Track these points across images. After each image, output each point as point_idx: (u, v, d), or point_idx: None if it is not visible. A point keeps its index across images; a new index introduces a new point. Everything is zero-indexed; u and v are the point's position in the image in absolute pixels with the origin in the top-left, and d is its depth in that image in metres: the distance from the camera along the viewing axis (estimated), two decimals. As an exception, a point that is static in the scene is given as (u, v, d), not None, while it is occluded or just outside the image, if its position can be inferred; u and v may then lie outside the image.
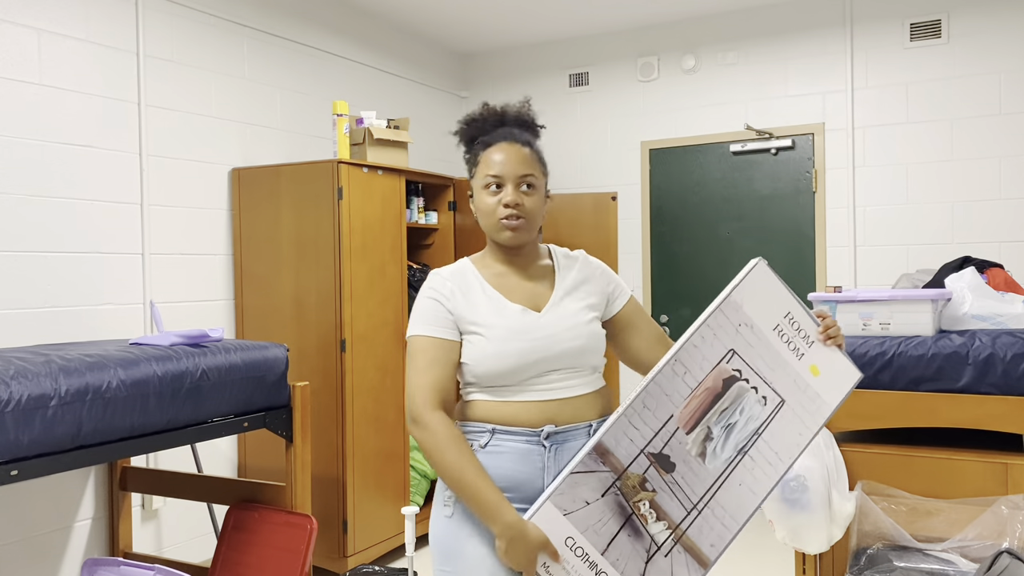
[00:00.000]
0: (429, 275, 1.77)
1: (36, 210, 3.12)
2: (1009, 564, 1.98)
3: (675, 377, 1.63)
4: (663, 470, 1.60)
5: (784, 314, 1.69)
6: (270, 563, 2.80)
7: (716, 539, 1.61)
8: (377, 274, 3.84)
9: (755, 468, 1.63)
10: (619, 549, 1.58)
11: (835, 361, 1.69)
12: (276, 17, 4.19)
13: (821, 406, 1.67)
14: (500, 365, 1.64)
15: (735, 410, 1.64)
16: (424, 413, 1.62)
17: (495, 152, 1.72)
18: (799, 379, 1.66)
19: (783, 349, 1.67)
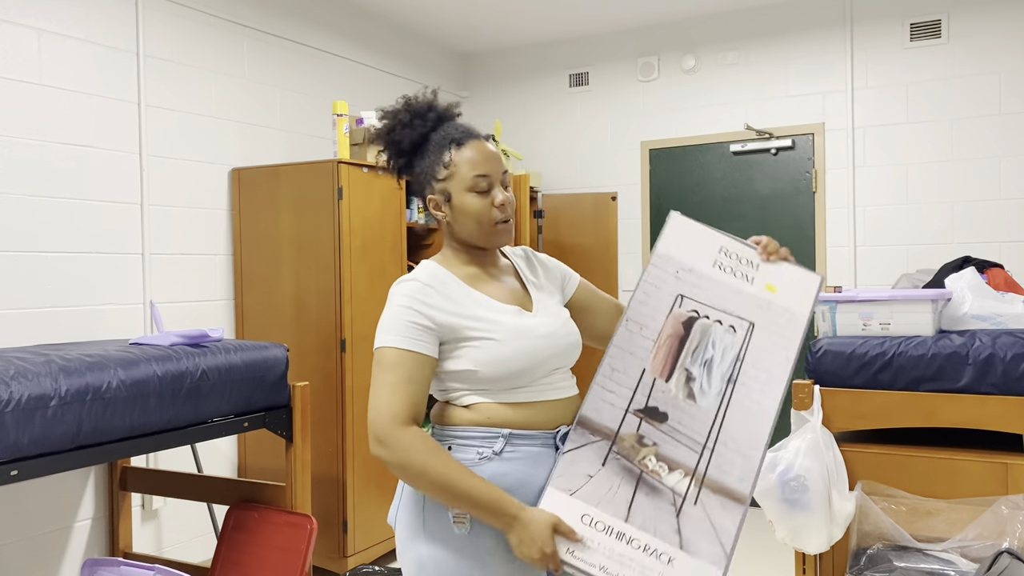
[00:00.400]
0: (401, 283, 1.60)
1: (36, 210, 3.12)
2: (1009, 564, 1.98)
3: (632, 335, 1.62)
4: (656, 422, 1.56)
5: (717, 250, 1.69)
6: (270, 563, 2.80)
7: (742, 471, 1.53)
8: (377, 274, 3.84)
9: (751, 392, 1.59)
10: (642, 511, 1.51)
11: (789, 273, 1.68)
12: (276, 17, 4.19)
13: (793, 317, 1.64)
14: (513, 366, 1.56)
15: (706, 346, 1.62)
16: (395, 430, 1.49)
17: (472, 150, 1.63)
18: (759, 300, 1.65)
19: (730, 280, 1.67)
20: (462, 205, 1.63)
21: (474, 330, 1.57)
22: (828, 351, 2.44)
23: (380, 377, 1.54)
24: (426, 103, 1.69)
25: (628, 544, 1.48)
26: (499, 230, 1.64)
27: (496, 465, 1.55)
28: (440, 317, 1.56)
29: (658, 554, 1.47)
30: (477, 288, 1.64)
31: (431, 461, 1.48)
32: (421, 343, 1.54)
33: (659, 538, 1.48)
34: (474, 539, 1.54)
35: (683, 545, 1.47)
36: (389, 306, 1.59)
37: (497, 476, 1.54)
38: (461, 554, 1.54)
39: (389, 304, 1.60)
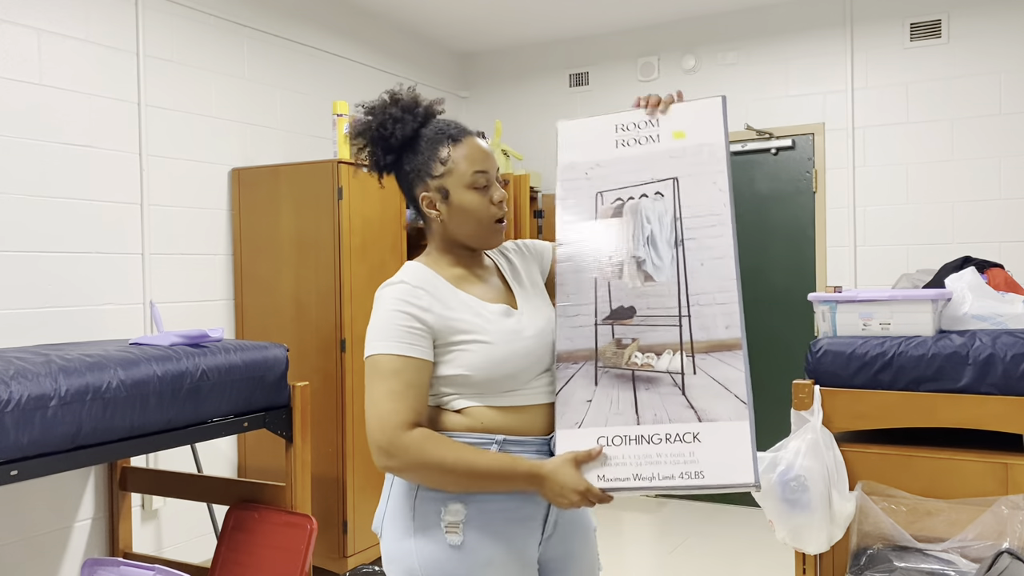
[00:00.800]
0: (388, 286, 1.55)
1: (36, 210, 3.12)
2: (1009, 564, 1.98)
3: (571, 253, 1.61)
4: (626, 320, 1.54)
5: (614, 130, 1.66)
6: (270, 563, 2.80)
7: (725, 319, 1.48)
8: (377, 274, 3.84)
9: (703, 241, 1.54)
10: (650, 407, 1.47)
11: (689, 111, 1.62)
12: (276, 17, 4.19)
13: (711, 149, 1.59)
14: (505, 370, 1.52)
15: (641, 224, 1.58)
16: (403, 435, 1.43)
17: (469, 147, 1.59)
18: (672, 152, 1.61)
19: (638, 150, 1.63)
20: (461, 202, 1.58)
21: (464, 333, 1.52)
22: (828, 351, 2.44)
23: (379, 386, 1.48)
24: (412, 98, 1.64)
25: (650, 444, 1.46)
26: (497, 228, 1.61)
27: None
28: (431, 319, 1.51)
29: (682, 437, 1.45)
30: (464, 289, 1.60)
31: (444, 452, 1.44)
32: (418, 348, 1.49)
33: (676, 422, 1.46)
34: (468, 551, 1.49)
35: (701, 416, 1.45)
36: (378, 311, 1.53)
37: None
38: (455, 565, 1.48)
39: (378, 309, 1.54)
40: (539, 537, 1.59)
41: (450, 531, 1.48)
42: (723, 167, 1.57)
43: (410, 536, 1.51)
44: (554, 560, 1.65)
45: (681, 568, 3.90)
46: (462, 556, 1.48)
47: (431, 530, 1.50)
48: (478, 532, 1.49)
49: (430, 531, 1.50)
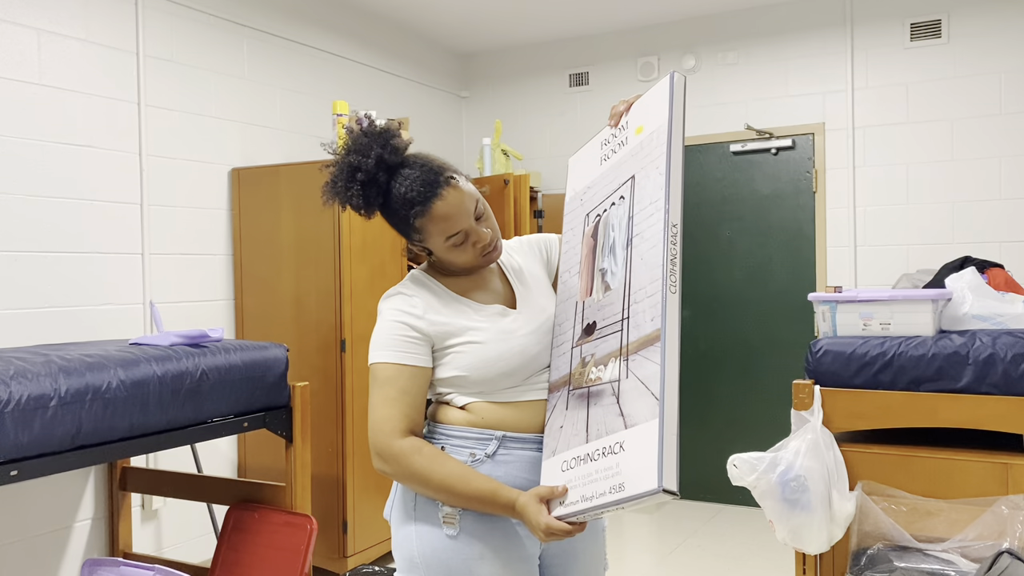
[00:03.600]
0: (387, 297, 1.61)
1: (36, 210, 3.12)
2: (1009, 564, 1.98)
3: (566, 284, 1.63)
4: (589, 337, 1.50)
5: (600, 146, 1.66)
6: (270, 563, 2.80)
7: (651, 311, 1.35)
8: (377, 274, 3.84)
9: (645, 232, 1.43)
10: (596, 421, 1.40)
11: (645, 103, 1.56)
12: (276, 17, 4.19)
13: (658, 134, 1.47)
14: (501, 368, 1.56)
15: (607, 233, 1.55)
16: (393, 443, 1.50)
17: (439, 210, 1.52)
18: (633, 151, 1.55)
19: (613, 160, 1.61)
20: (446, 259, 1.61)
21: (458, 335, 1.57)
22: (828, 351, 2.44)
23: (376, 393, 1.55)
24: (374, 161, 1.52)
25: (592, 461, 1.37)
26: (485, 261, 1.61)
27: (489, 467, 1.55)
28: (426, 326, 1.57)
29: (612, 448, 1.34)
30: (463, 293, 1.64)
31: (430, 468, 1.49)
32: (413, 355, 1.56)
33: (611, 434, 1.35)
34: (463, 542, 1.54)
35: (627, 423, 1.32)
36: (379, 322, 1.60)
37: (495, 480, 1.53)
38: (450, 555, 1.54)
39: (379, 320, 1.60)
40: None
41: (447, 522, 1.54)
42: (662, 150, 1.43)
43: (412, 525, 1.57)
44: (556, 556, 1.66)
45: (681, 568, 3.90)
46: (458, 547, 1.53)
47: (430, 520, 1.55)
48: (474, 524, 1.54)
49: (429, 521, 1.56)
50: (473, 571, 1.54)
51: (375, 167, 1.53)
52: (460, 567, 1.54)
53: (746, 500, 4.67)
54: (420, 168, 1.54)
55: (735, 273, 4.88)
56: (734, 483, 2.30)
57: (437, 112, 5.43)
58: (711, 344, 4.94)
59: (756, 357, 4.82)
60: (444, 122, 5.47)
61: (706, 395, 4.94)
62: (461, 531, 1.54)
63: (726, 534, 4.35)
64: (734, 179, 4.90)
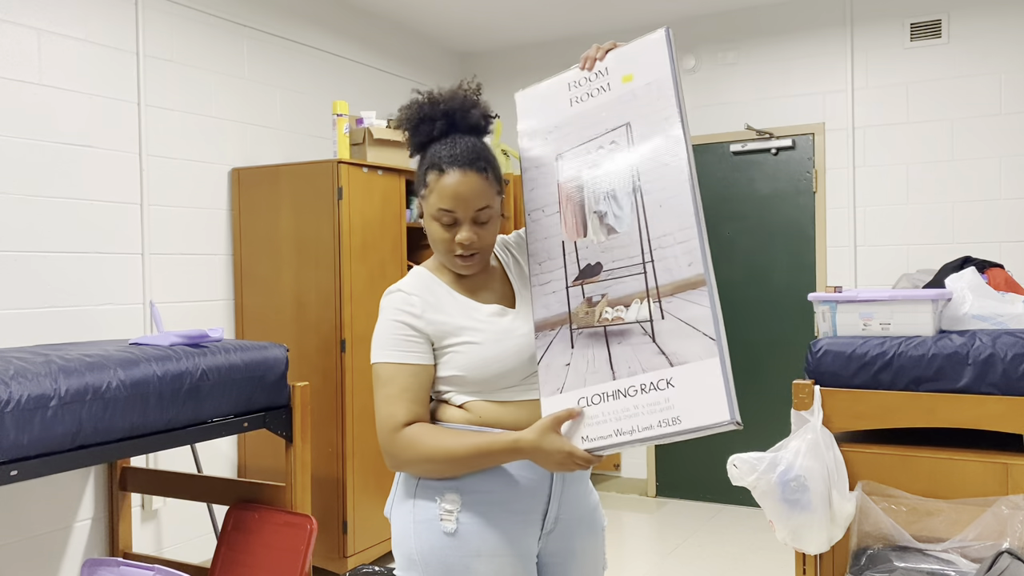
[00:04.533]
0: (387, 295, 1.62)
1: (36, 210, 3.12)
2: (1009, 564, 1.98)
3: (539, 222, 1.59)
4: (594, 277, 1.51)
5: (567, 88, 1.62)
6: (270, 563, 2.80)
7: (688, 256, 1.43)
8: (377, 274, 3.84)
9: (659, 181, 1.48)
10: (624, 360, 1.44)
11: (633, 51, 1.57)
12: (276, 17, 4.19)
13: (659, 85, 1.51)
14: (498, 368, 1.57)
15: (599, 177, 1.55)
16: (396, 438, 1.53)
17: (449, 180, 1.56)
18: (622, 98, 1.56)
19: (591, 104, 1.58)
20: (428, 228, 1.63)
21: (456, 335, 1.58)
22: (828, 351, 2.44)
23: (379, 392, 1.57)
24: (444, 110, 1.62)
25: (627, 397, 1.42)
26: (458, 263, 1.61)
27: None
28: (424, 325, 1.58)
29: (656, 384, 1.40)
30: (463, 292, 1.64)
31: (429, 446, 1.51)
32: (414, 354, 1.57)
33: (649, 371, 1.41)
34: (461, 539, 1.55)
35: (672, 361, 1.39)
36: (379, 320, 1.61)
37: (488, 474, 1.55)
38: (448, 552, 1.55)
39: (379, 318, 1.62)
40: (538, 531, 1.62)
41: (445, 519, 1.55)
42: (672, 102, 1.49)
43: (411, 522, 1.58)
44: (555, 555, 1.66)
45: (681, 568, 3.90)
46: (455, 543, 1.54)
47: (429, 517, 1.56)
48: (472, 521, 1.55)
49: (428, 518, 1.56)
50: (471, 568, 1.54)
51: (441, 114, 1.61)
52: (458, 564, 1.54)
53: (746, 500, 4.67)
54: (470, 144, 1.60)
55: (735, 273, 4.88)
56: (734, 483, 2.30)
57: (437, 112, 5.43)
58: (711, 344, 4.94)
59: (756, 357, 4.82)
60: (444, 122, 5.47)
61: (706, 395, 4.93)
62: (459, 528, 1.55)
63: (726, 534, 4.35)
64: (734, 179, 4.90)
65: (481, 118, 1.66)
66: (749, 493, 2.33)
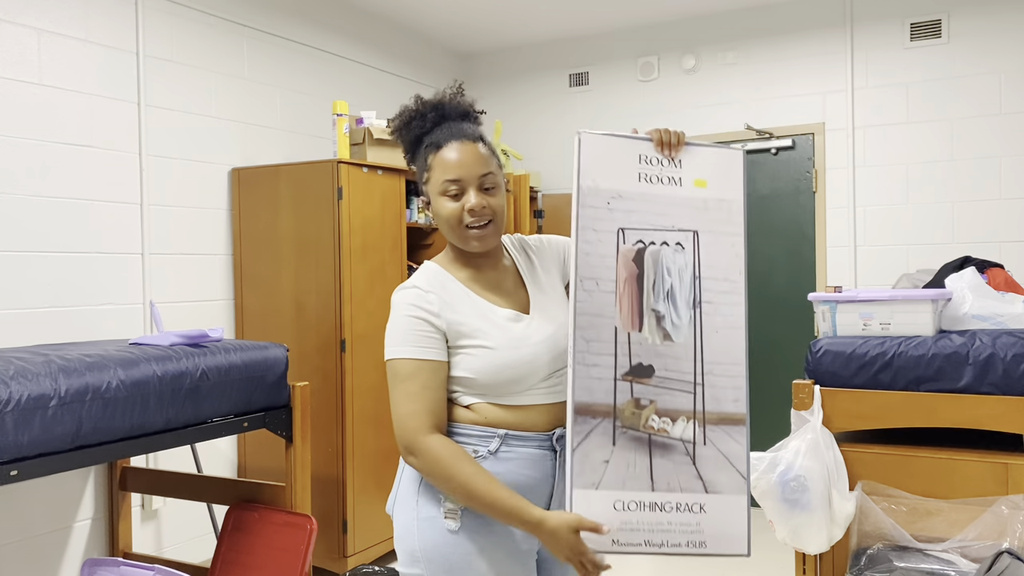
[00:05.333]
0: (401, 291, 1.62)
1: (36, 210, 3.12)
2: (1009, 564, 1.98)
3: (592, 295, 1.52)
4: (645, 379, 1.52)
5: (638, 160, 1.57)
6: (270, 563, 2.80)
7: (734, 393, 1.53)
8: (377, 274, 3.84)
9: (719, 308, 1.54)
10: (664, 474, 1.49)
11: (711, 159, 1.58)
12: (276, 17, 4.19)
13: (731, 207, 1.57)
14: (509, 375, 1.57)
15: (662, 275, 1.54)
16: (420, 439, 1.53)
17: (449, 152, 1.59)
18: (694, 203, 1.56)
19: (660, 190, 1.56)
20: (437, 208, 1.62)
21: (470, 337, 1.58)
22: (828, 351, 2.44)
23: (398, 389, 1.57)
24: (433, 103, 1.67)
25: (663, 511, 1.49)
26: (471, 235, 1.60)
27: (491, 464, 1.56)
28: (440, 322, 1.58)
29: (690, 507, 1.51)
30: (476, 291, 1.64)
31: (457, 469, 1.51)
32: (432, 350, 1.57)
33: (686, 492, 1.51)
34: (464, 536, 1.56)
35: (707, 488, 1.51)
36: (394, 316, 1.61)
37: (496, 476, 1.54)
38: (451, 550, 1.56)
39: (393, 314, 1.61)
40: None
41: (449, 517, 1.57)
42: (741, 229, 1.58)
43: (414, 519, 1.60)
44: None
45: (681, 567, 3.90)
46: (458, 541, 1.56)
47: (432, 515, 1.58)
48: (474, 520, 1.56)
49: (431, 516, 1.58)
50: (473, 566, 1.56)
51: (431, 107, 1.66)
52: (460, 561, 1.56)
53: (746, 500, 4.67)
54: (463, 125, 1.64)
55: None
56: (734, 483, 2.30)
57: (437, 112, 5.43)
58: (711, 344, 4.94)
59: (756, 357, 4.82)
60: (444, 122, 5.47)
61: (706, 395, 4.93)
62: (462, 526, 1.56)
63: (726, 534, 4.34)
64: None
65: (469, 106, 1.70)
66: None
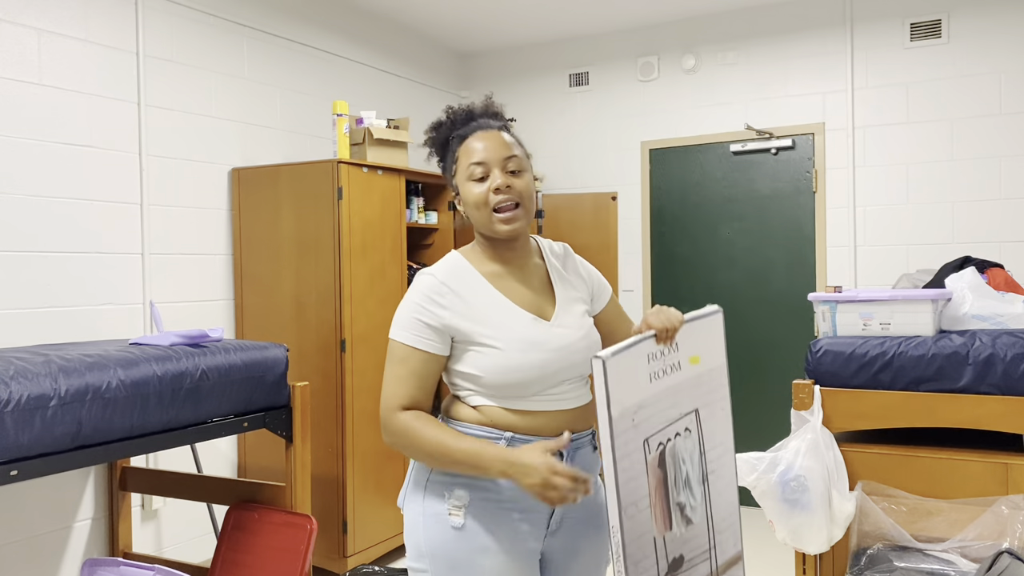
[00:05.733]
0: (420, 275, 1.64)
1: (36, 210, 3.12)
2: (1009, 564, 1.98)
3: (634, 520, 1.47)
4: (677, 571, 1.54)
5: (647, 361, 1.53)
6: (270, 563, 2.80)
7: (732, 536, 1.63)
8: (377, 274, 3.84)
9: (719, 471, 1.63)
10: None
11: (697, 332, 1.60)
12: (276, 17, 4.19)
13: (719, 372, 1.63)
14: (517, 377, 1.57)
15: (679, 467, 1.56)
16: (392, 416, 1.57)
17: (474, 140, 1.64)
18: (692, 381, 1.59)
19: (666, 381, 1.56)
20: (464, 195, 1.65)
21: (482, 335, 1.58)
22: (828, 351, 2.44)
23: (389, 368, 1.61)
24: (463, 109, 1.73)
25: None
26: (497, 218, 1.61)
27: None
28: (449, 319, 1.59)
29: None
30: (498, 287, 1.64)
31: (423, 433, 1.54)
32: (428, 342, 1.59)
33: None
34: (468, 534, 1.57)
35: None
36: (406, 298, 1.63)
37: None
38: (455, 546, 1.58)
39: (407, 295, 1.64)
40: (543, 531, 1.63)
41: (453, 514, 1.58)
42: (726, 391, 1.64)
43: (420, 514, 1.62)
44: (557, 553, 1.68)
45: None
46: (461, 538, 1.57)
47: (438, 511, 1.60)
48: (478, 518, 1.57)
49: (437, 512, 1.60)
50: (476, 563, 1.56)
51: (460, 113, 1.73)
52: (464, 559, 1.57)
53: (746, 500, 4.67)
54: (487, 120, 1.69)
55: (735, 273, 4.88)
56: (734, 483, 2.30)
57: (437, 112, 5.39)
58: (711, 344, 4.93)
59: (756, 357, 4.82)
60: (444, 122, 5.47)
61: (706, 395, 4.93)
62: (467, 523, 1.57)
63: (726, 534, 4.34)
64: (734, 179, 4.90)
65: (498, 111, 1.74)
66: (749, 493, 2.33)
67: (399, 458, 3.99)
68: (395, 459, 3.97)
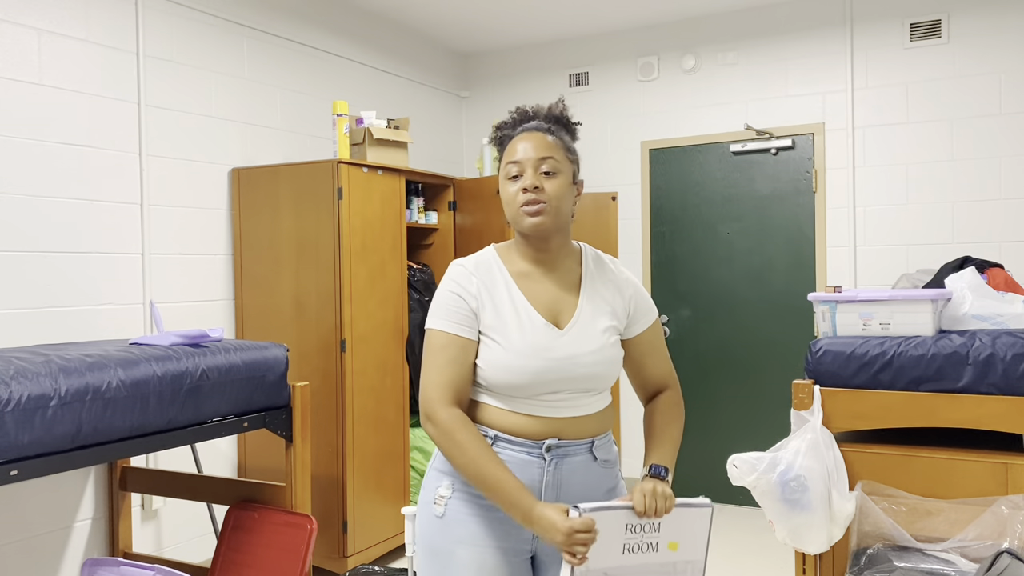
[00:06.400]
0: (452, 265, 1.71)
1: (36, 210, 3.12)
2: (1009, 564, 1.98)
3: None
4: None
5: (623, 530, 1.54)
6: (270, 563, 2.80)
7: None
8: (377, 274, 3.84)
9: None
10: None
11: (684, 520, 1.59)
12: (276, 17, 4.19)
13: (694, 567, 1.60)
14: (512, 378, 1.60)
15: None
16: (438, 410, 1.60)
17: (517, 141, 1.70)
18: (665, 567, 1.58)
19: (639, 558, 1.55)
20: (501, 192, 1.71)
21: (493, 329, 1.64)
22: (828, 351, 2.44)
23: (429, 358, 1.65)
24: (524, 109, 1.76)
25: None
26: (524, 212, 1.65)
27: None
28: (476, 306, 1.65)
29: None
30: (522, 286, 1.68)
31: (468, 444, 1.57)
32: (464, 327, 1.64)
33: None
34: (447, 524, 1.64)
35: None
36: (440, 288, 1.70)
37: None
38: (435, 535, 1.66)
39: (441, 285, 1.70)
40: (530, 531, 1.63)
41: (437, 503, 1.66)
42: None
43: (420, 500, 1.73)
44: (550, 555, 1.69)
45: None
46: (441, 527, 1.66)
47: (427, 499, 1.69)
48: (459, 510, 1.64)
49: (427, 500, 1.70)
50: (455, 554, 1.62)
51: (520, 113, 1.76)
52: (443, 548, 1.64)
53: (746, 500, 4.67)
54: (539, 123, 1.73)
55: (735, 273, 4.88)
56: (734, 483, 2.30)
57: (437, 112, 5.43)
58: (711, 344, 4.94)
59: (756, 357, 4.82)
60: (444, 122, 5.47)
61: (706, 395, 4.94)
62: (446, 513, 1.64)
63: (726, 534, 4.35)
64: (734, 179, 4.90)
65: (562, 112, 1.75)
66: (749, 493, 2.33)
67: (399, 458, 4.00)
68: (395, 459, 3.97)
